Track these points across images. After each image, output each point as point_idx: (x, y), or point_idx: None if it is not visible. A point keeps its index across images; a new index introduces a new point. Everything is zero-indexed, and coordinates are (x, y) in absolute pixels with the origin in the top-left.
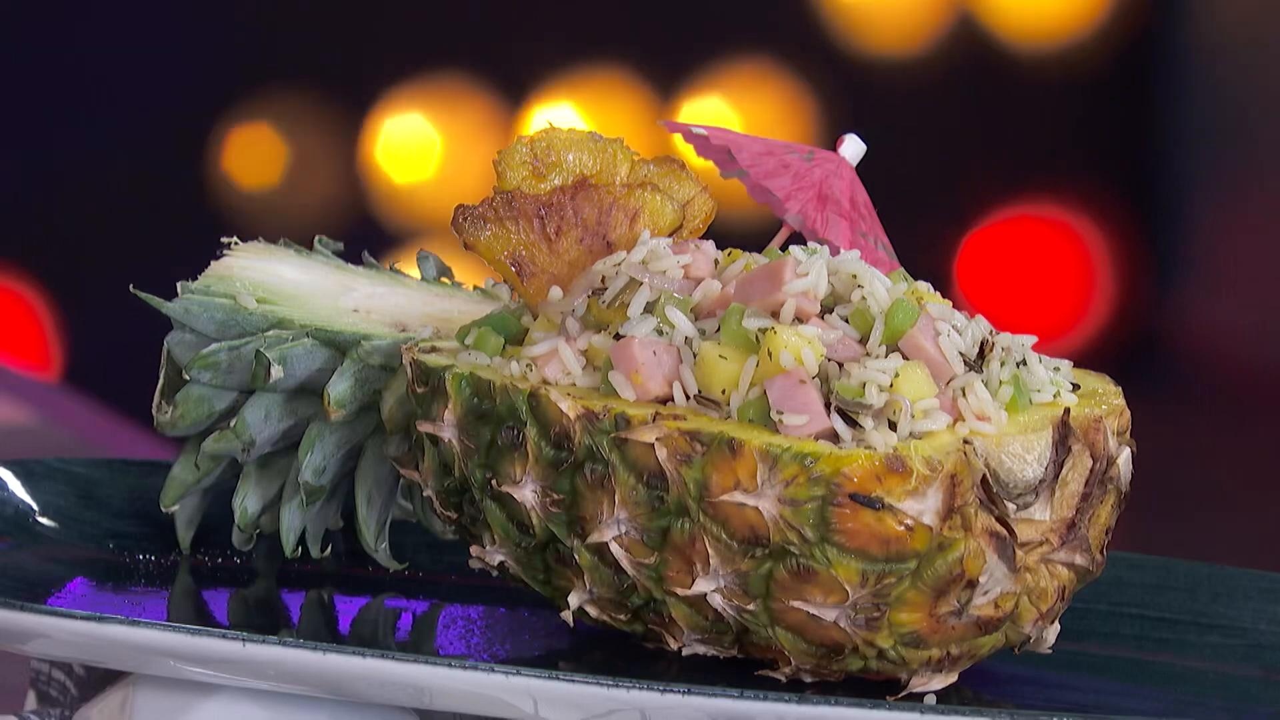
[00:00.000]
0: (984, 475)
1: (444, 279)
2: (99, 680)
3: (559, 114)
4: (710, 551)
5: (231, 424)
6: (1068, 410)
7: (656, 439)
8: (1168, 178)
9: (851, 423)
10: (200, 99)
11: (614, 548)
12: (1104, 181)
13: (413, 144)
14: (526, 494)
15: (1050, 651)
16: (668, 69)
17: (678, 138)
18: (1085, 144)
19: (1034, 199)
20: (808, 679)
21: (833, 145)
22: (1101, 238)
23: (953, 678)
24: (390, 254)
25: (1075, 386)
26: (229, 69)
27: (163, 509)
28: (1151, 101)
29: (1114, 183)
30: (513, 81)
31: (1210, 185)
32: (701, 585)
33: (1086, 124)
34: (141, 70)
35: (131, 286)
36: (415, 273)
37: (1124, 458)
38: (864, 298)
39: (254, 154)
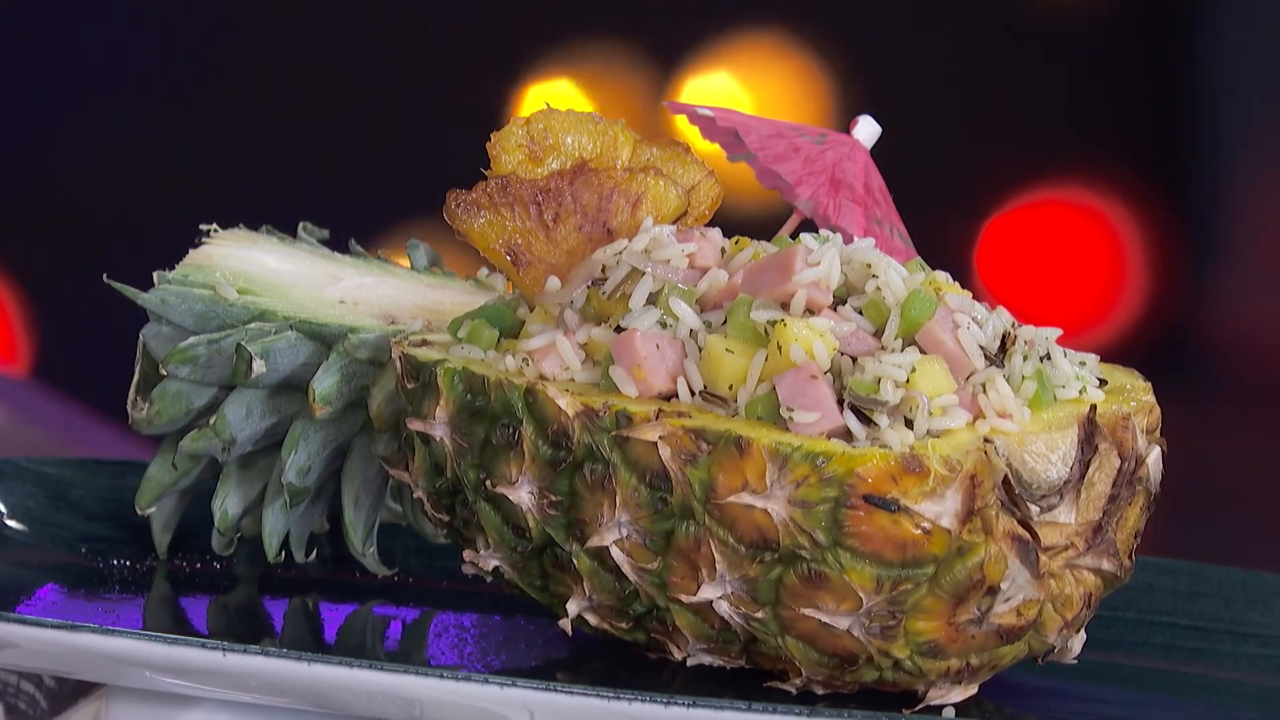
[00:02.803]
0: (1005, 476)
1: (435, 268)
2: (70, 692)
3: (556, 92)
4: (716, 556)
5: (211, 421)
6: (1094, 407)
7: (660, 437)
8: (1205, 159)
9: (866, 420)
10: (177, 77)
11: (615, 552)
12: (1136, 163)
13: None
14: (523, 495)
15: (1076, 662)
16: (671, 44)
17: (682, 119)
18: (1116, 123)
19: (1060, 182)
20: (819, 691)
21: (846, 127)
22: (1133, 224)
23: (972, 689)
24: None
25: (1102, 382)
26: (207, 48)
27: (138, 511)
28: (1188, 77)
29: (1147, 165)
30: (507, 58)
31: (1251, 169)
32: (707, 592)
33: (1118, 101)
34: (114, 49)
35: (105, 276)
36: (405, 261)
37: (1153, 457)
38: (879, 288)
39: (233, 134)
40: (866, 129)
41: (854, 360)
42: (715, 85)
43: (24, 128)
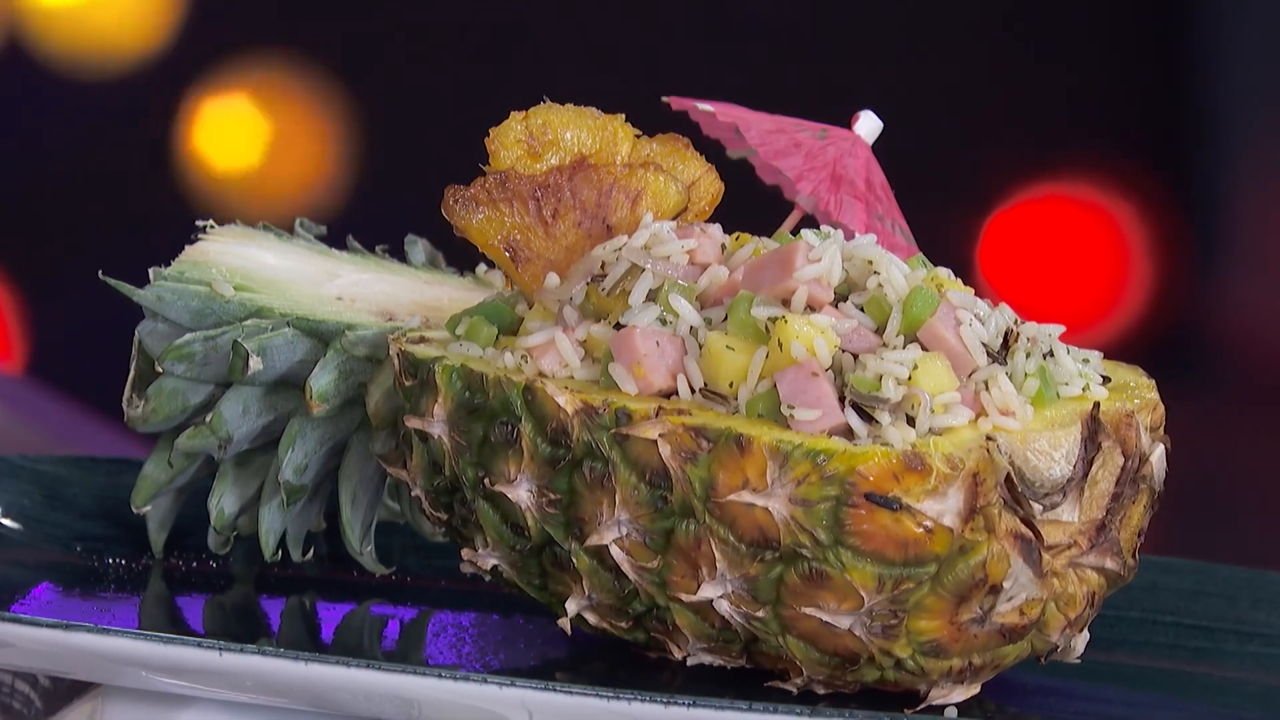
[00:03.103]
0: (1008, 474)
1: (434, 265)
2: (66, 692)
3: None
4: (717, 555)
5: (207, 419)
6: (1097, 404)
7: (659, 435)
8: (1211, 154)
9: (867, 418)
10: (173, 70)
11: (614, 551)
12: (1140, 158)
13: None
14: (521, 494)
15: (1079, 661)
16: (671, 36)
17: (683, 114)
18: (1120, 118)
19: (1064, 177)
20: (820, 691)
21: (847, 122)
22: (1137, 219)
23: (975, 689)
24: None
25: (1106, 379)
26: (201, 37)
27: (134, 509)
28: (1194, 72)
29: (1151, 160)
30: (504, 50)
31: (1259, 164)
32: (707, 591)
33: (1122, 96)
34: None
35: (101, 273)
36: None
37: (1157, 455)
38: (880, 285)
39: (231, 130)
40: (868, 124)
41: (855, 357)
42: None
43: (19, 123)
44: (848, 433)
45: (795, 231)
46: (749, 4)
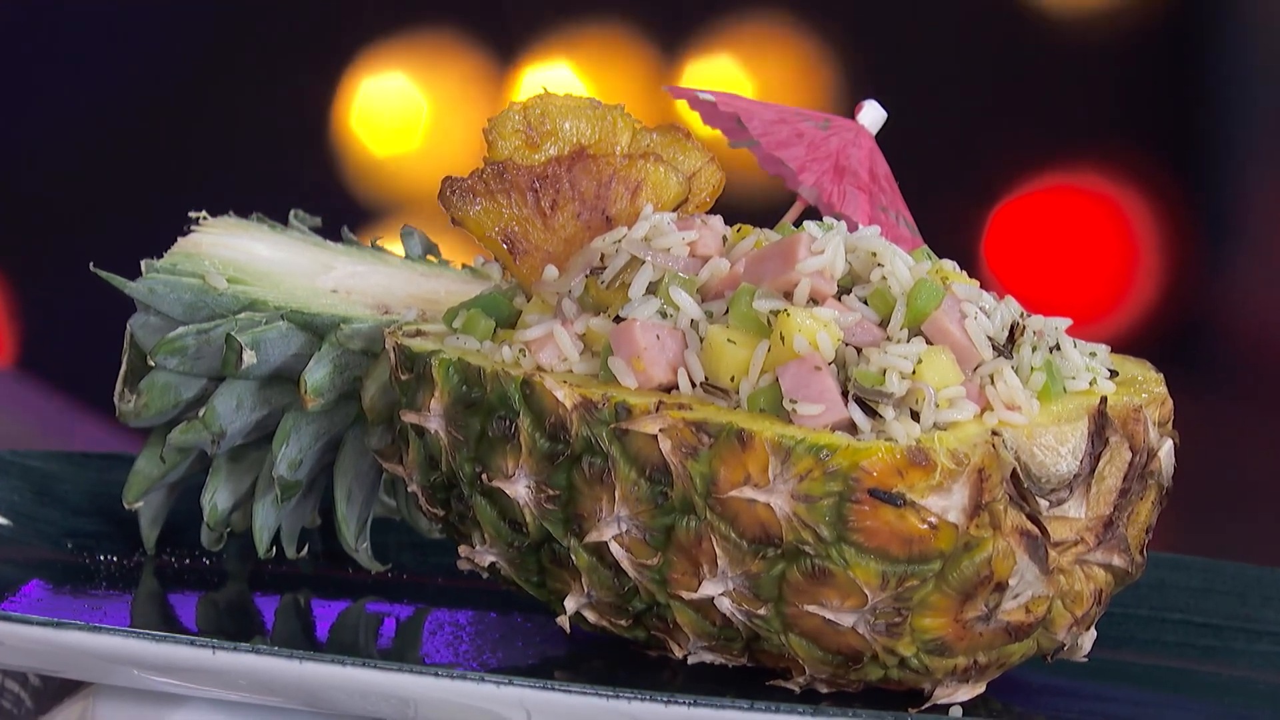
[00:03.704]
0: (1014, 469)
1: (430, 257)
2: (56, 691)
3: (554, 76)
4: (718, 552)
5: (200, 414)
6: (1105, 399)
7: (660, 430)
8: (1222, 144)
9: (871, 412)
10: (163, 61)
11: (614, 548)
12: (1150, 147)
13: (394, 108)
14: (519, 489)
15: (1086, 660)
16: (672, 26)
17: (683, 104)
18: (1130, 106)
19: (1071, 167)
20: (823, 689)
21: (851, 112)
22: (1146, 210)
23: (980, 688)
24: (371, 230)
25: (1113, 373)
26: (192, 29)
27: (125, 506)
28: (1204, 58)
29: (1161, 149)
30: (503, 39)
31: (1270, 153)
32: (708, 588)
33: (1132, 84)
34: (101, 34)
35: (92, 265)
36: (399, 250)
37: (1166, 450)
38: (884, 277)
39: (222, 120)
40: (872, 114)
41: (859, 351)
42: (717, 69)
43: (8, 114)
44: (851, 428)
45: (798, 223)
46: None
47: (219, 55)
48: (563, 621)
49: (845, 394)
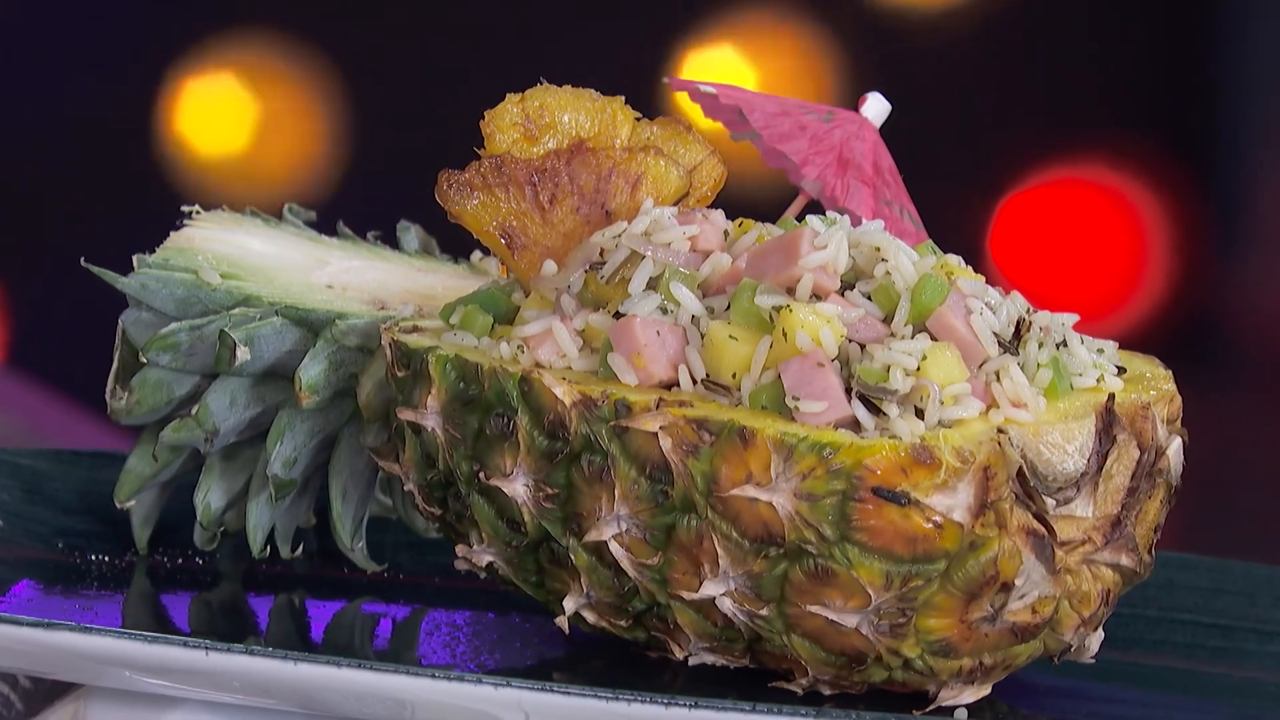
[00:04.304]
0: (1020, 467)
1: (427, 252)
2: (47, 693)
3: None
4: (719, 551)
5: (193, 411)
6: (1112, 396)
7: (660, 428)
8: (1232, 137)
9: (874, 410)
10: (157, 48)
11: (614, 547)
12: (1160, 140)
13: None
14: (518, 488)
15: (1093, 661)
16: (672, 16)
17: (684, 96)
18: (1139, 97)
19: (1079, 159)
20: (826, 691)
21: (854, 104)
22: (1156, 204)
23: (986, 690)
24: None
25: (1121, 370)
26: (185, 11)
27: (117, 505)
28: (1214, 50)
29: (1171, 142)
30: (502, 34)
31: None
32: (709, 588)
33: (1141, 75)
34: (93, 28)
35: (83, 260)
36: (396, 245)
37: (1174, 448)
38: (888, 273)
39: (216, 111)
40: (875, 106)
41: (862, 347)
42: (718, 60)
43: None
44: (854, 425)
45: (800, 217)
46: None
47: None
48: (561, 622)
49: (848, 391)
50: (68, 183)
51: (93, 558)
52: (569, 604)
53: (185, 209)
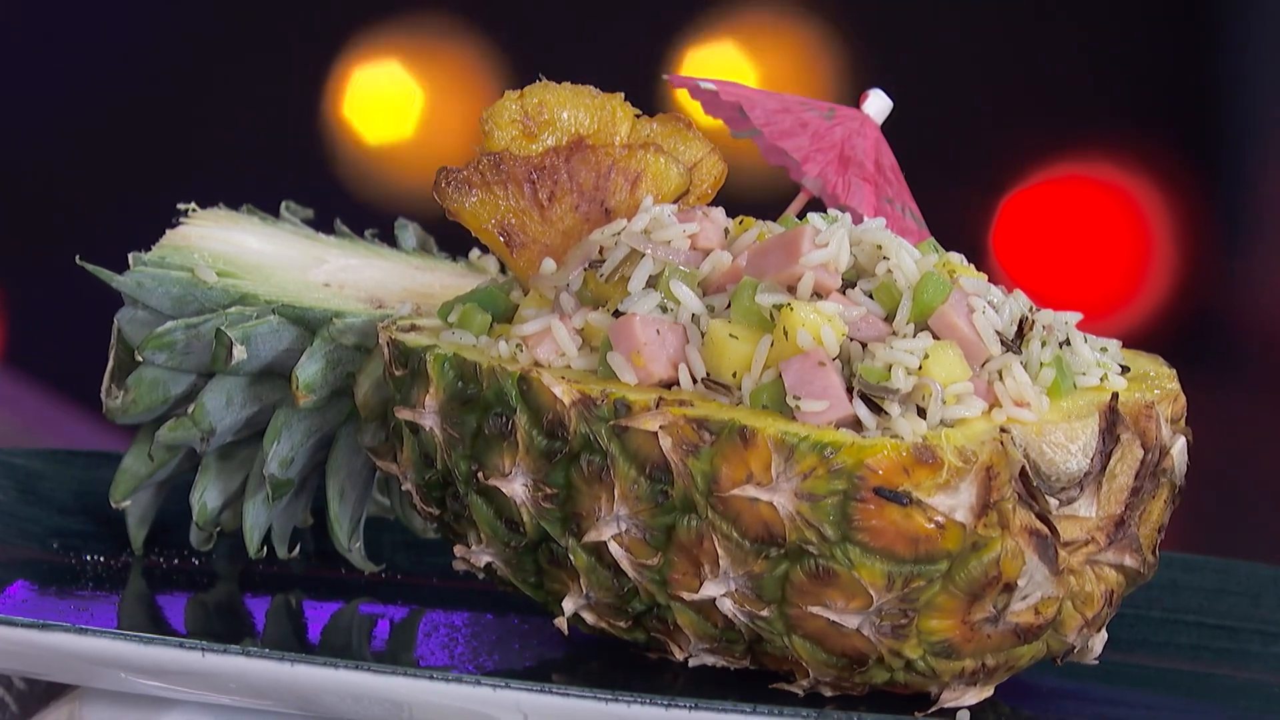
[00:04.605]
0: (1023, 467)
1: (425, 250)
2: (42, 694)
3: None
4: (719, 552)
5: (189, 410)
6: (1116, 395)
7: (660, 427)
8: (1238, 133)
9: (876, 409)
10: (151, 50)
11: (613, 547)
12: (1164, 136)
13: (388, 96)
14: (516, 488)
15: (1097, 662)
16: (672, 11)
17: (684, 93)
18: (1143, 93)
19: (1082, 156)
20: (827, 693)
21: (856, 101)
22: (1160, 201)
23: (988, 691)
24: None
25: (1125, 369)
26: (180, 10)
27: (113, 504)
28: (1219, 45)
29: (1176, 138)
30: (499, 24)
31: None
32: (710, 589)
33: (1145, 70)
34: (87, 20)
35: (78, 257)
36: (394, 243)
37: (1179, 448)
38: (890, 271)
39: (211, 107)
40: (877, 103)
41: (864, 346)
42: (719, 56)
43: None
44: (856, 424)
45: (801, 215)
46: None
47: (208, 44)
48: (560, 623)
49: (850, 390)
50: (63, 180)
51: (88, 558)
52: (568, 605)
53: (181, 206)
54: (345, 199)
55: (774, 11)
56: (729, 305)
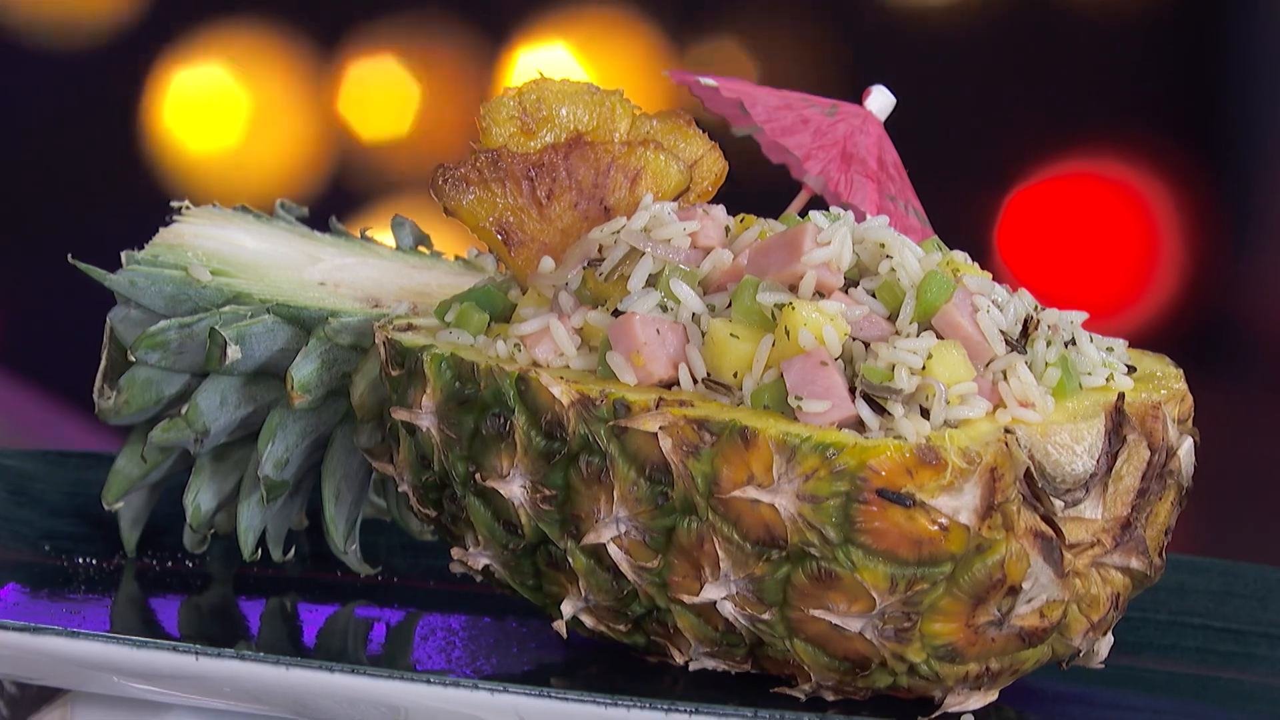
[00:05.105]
0: (1028, 468)
1: (421, 248)
2: (34, 698)
3: (549, 58)
4: (720, 554)
5: (183, 411)
6: (1122, 395)
7: (660, 428)
8: (1246, 130)
9: (879, 409)
10: (146, 39)
11: (612, 550)
12: (1172, 132)
13: (385, 92)
14: (514, 489)
15: (1102, 666)
16: (675, 7)
17: (685, 89)
18: (1151, 89)
19: (1088, 152)
20: (830, 697)
21: (858, 97)
22: (1168, 198)
23: (993, 696)
24: (361, 219)
25: (1131, 369)
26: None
27: (105, 506)
28: (1228, 42)
29: (1184, 135)
30: (496, 20)
31: None
32: (710, 592)
33: (1153, 66)
34: (82, 17)
35: (70, 256)
36: (389, 241)
37: (1185, 449)
38: (893, 269)
39: (207, 104)
40: (880, 99)
41: (866, 346)
42: (720, 53)
43: None
44: (858, 425)
45: (803, 213)
46: None
47: (200, 40)
48: (559, 626)
49: (852, 390)
50: (54, 178)
51: (80, 560)
52: (567, 608)
53: (174, 204)
54: (342, 196)
55: (775, 7)
56: (730, 304)
